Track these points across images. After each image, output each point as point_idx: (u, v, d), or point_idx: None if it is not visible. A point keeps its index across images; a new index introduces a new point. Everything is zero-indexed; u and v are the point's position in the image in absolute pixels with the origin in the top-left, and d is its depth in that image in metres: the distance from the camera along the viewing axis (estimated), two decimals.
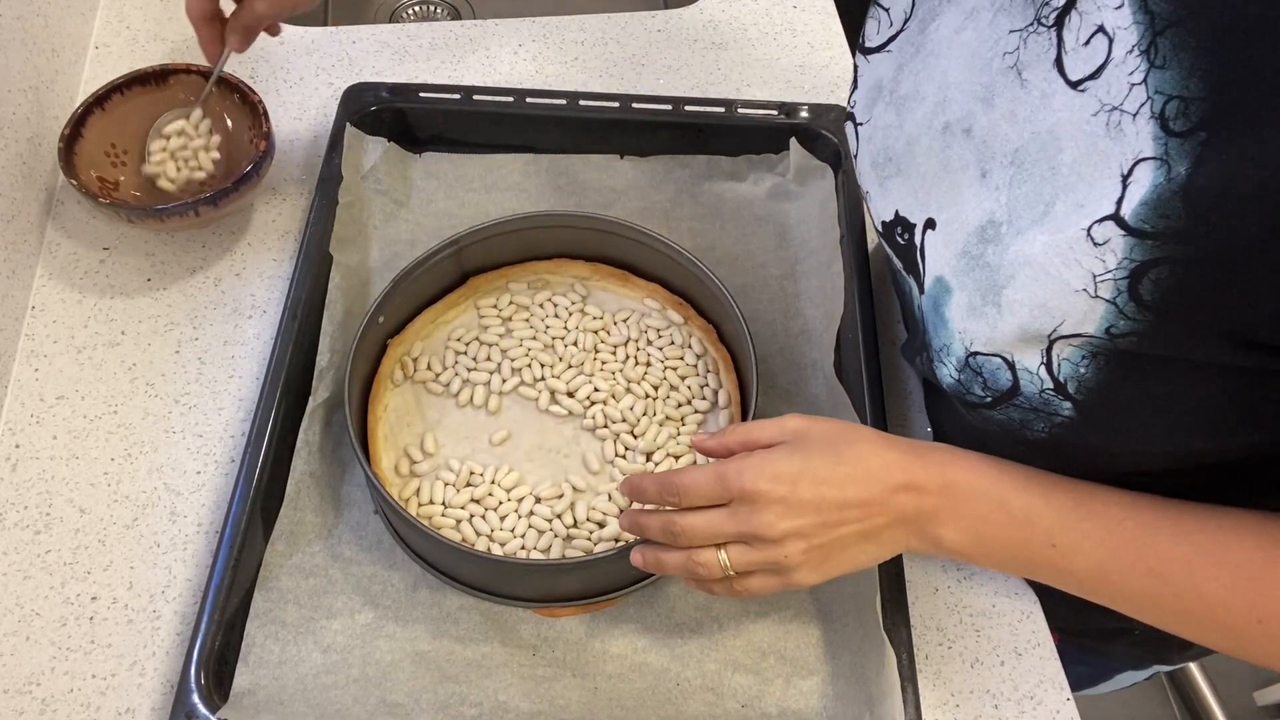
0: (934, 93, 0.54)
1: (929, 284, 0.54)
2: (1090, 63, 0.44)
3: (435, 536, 0.58)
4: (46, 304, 0.75)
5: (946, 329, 0.52)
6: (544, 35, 0.94)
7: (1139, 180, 0.41)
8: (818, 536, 0.52)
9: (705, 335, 0.73)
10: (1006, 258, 0.47)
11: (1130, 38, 0.42)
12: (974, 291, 0.49)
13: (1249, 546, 0.48)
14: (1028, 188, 0.47)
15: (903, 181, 0.56)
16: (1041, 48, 0.46)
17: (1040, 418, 0.49)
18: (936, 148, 0.53)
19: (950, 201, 0.52)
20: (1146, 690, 1.52)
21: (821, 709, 0.60)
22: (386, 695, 0.60)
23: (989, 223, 0.49)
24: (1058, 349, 0.46)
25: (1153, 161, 0.41)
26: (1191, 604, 0.49)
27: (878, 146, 0.58)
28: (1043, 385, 0.48)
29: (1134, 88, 0.41)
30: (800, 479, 0.51)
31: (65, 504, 0.67)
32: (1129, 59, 0.42)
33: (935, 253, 0.53)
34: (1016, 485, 0.53)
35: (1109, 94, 0.43)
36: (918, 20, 0.57)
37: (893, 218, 0.57)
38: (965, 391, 0.52)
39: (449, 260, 0.72)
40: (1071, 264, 0.44)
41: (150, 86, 0.79)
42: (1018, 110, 0.48)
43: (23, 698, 0.60)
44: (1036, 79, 0.47)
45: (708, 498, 0.53)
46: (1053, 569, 0.52)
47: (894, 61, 0.58)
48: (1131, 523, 0.50)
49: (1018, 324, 0.47)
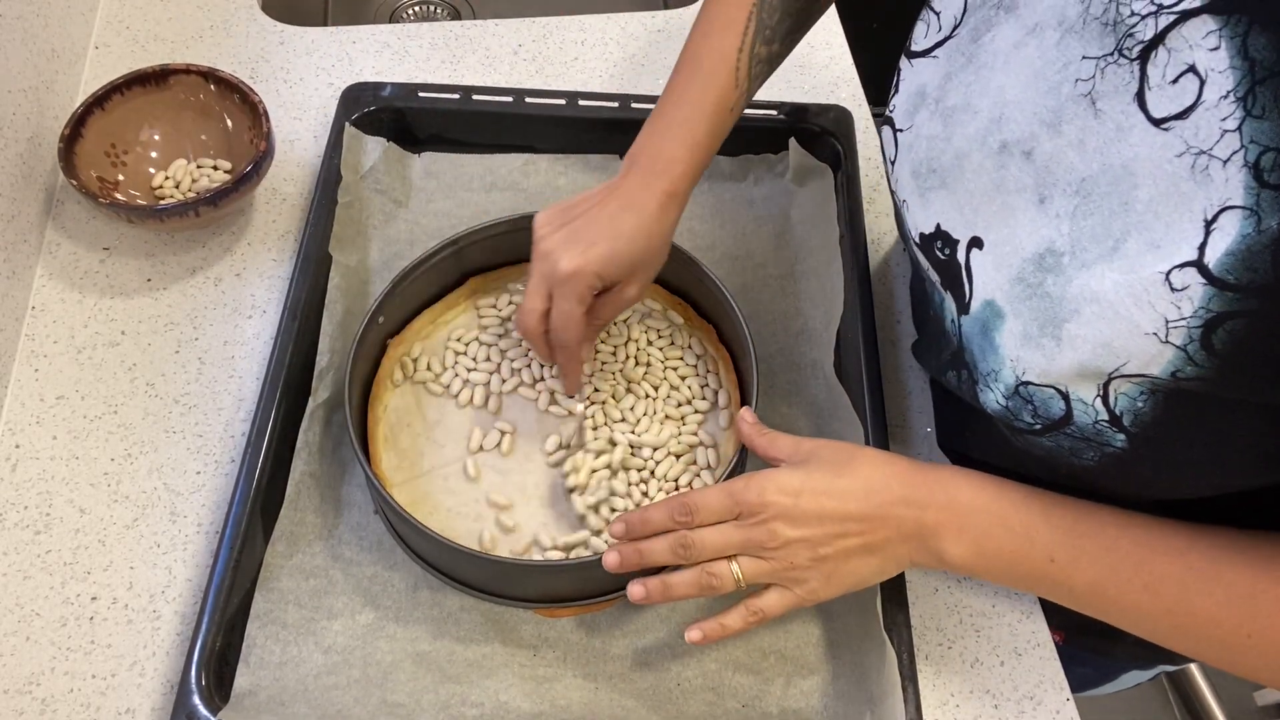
0: (989, 108, 0.52)
1: (977, 306, 0.53)
2: (1177, 102, 0.42)
3: (435, 537, 0.58)
4: (46, 304, 0.75)
5: (996, 355, 0.51)
6: (544, 35, 0.94)
7: (1224, 229, 0.40)
8: (823, 546, 0.54)
9: (705, 335, 0.73)
10: (1070, 290, 0.46)
11: (1225, 82, 0.40)
12: (1030, 321, 0.48)
13: (1241, 565, 0.49)
14: (1094, 220, 0.45)
15: (948, 195, 0.55)
16: (1122, 80, 0.45)
17: (1091, 447, 0.49)
18: (990, 166, 0.52)
19: (1001, 223, 0.51)
20: (1147, 690, 1.52)
21: (822, 708, 0.60)
22: (387, 696, 0.60)
23: (1049, 251, 0.48)
24: (1116, 384, 0.46)
25: (1241, 211, 0.39)
26: (1184, 620, 0.50)
27: (920, 156, 0.57)
28: (1097, 417, 0.47)
29: (1226, 134, 0.40)
30: (803, 491, 0.54)
31: (65, 504, 0.67)
32: (1223, 104, 0.40)
33: (985, 274, 0.52)
34: (1016, 502, 0.54)
35: (1197, 137, 0.41)
36: (969, 28, 0.55)
37: (933, 230, 0.56)
38: (1013, 418, 0.52)
39: (449, 260, 0.72)
40: (1145, 306, 0.43)
41: (150, 86, 0.79)
42: (1088, 140, 0.46)
43: (23, 698, 0.60)
44: (1113, 111, 0.45)
45: (718, 513, 0.55)
46: (1051, 583, 0.53)
47: (941, 69, 0.57)
48: (1127, 540, 0.51)
49: (1078, 359, 0.46)
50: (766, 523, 0.54)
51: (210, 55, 0.90)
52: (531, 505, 0.66)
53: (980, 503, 0.54)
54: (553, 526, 0.65)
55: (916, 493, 0.54)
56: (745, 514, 0.54)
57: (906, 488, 0.54)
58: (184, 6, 0.94)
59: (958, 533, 0.54)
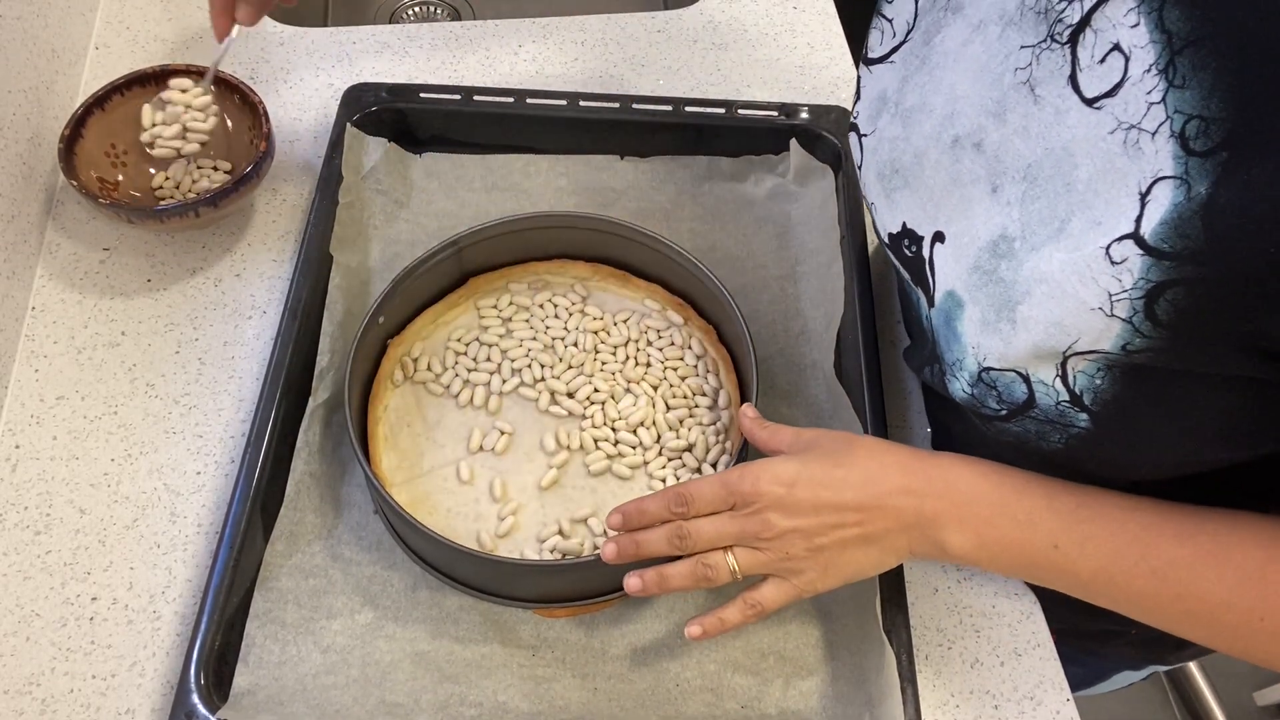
0: (942, 105, 0.53)
1: (939, 298, 0.53)
2: (1106, 80, 0.43)
3: (435, 537, 0.58)
4: (46, 304, 0.75)
5: (959, 343, 0.52)
6: (544, 35, 0.94)
7: (1158, 199, 0.41)
8: (819, 537, 0.53)
9: (705, 336, 0.73)
10: (1021, 274, 0.47)
11: (1147, 56, 0.41)
12: (987, 307, 0.49)
13: (1250, 547, 0.48)
14: (1041, 204, 0.46)
15: (910, 194, 0.56)
16: (1055, 64, 0.46)
17: (1056, 429, 0.50)
18: (946, 161, 0.53)
19: (960, 215, 0.52)
20: (1146, 690, 1.52)
21: (821, 710, 0.60)
22: (386, 695, 0.60)
23: (1001, 238, 0.49)
24: (1073, 363, 0.46)
25: (1172, 181, 0.40)
26: (1194, 605, 0.49)
27: (884, 158, 0.58)
28: (1058, 398, 0.48)
29: (1152, 106, 0.41)
30: (798, 481, 0.53)
31: (65, 504, 0.67)
32: (1146, 78, 0.41)
33: (945, 266, 0.53)
34: (1018, 488, 0.53)
35: (1126, 112, 0.42)
36: (921, 32, 0.57)
37: (900, 230, 0.57)
38: (979, 405, 0.52)
39: (449, 261, 0.72)
40: (1088, 282, 0.43)
41: (150, 86, 0.79)
42: (1030, 126, 0.47)
43: (23, 698, 0.60)
44: (1050, 95, 0.46)
45: (713, 503, 0.55)
46: (1056, 571, 0.53)
47: (898, 73, 0.58)
48: (1133, 524, 0.50)
49: (1033, 341, 0.47)
50: (760, 513, 0.53)
51: (210, 55, 0.90)
52: (531, 505, 0.66)
53: (981, 490, 0.53)
54: (552, 526, 0.65)
55: (915, 481, 0.54)
56: (740, 504, 0.54)
57: (905, 476, 0.54)
58: (184, 6, 0.94)
59: (959, 522, 0.53)
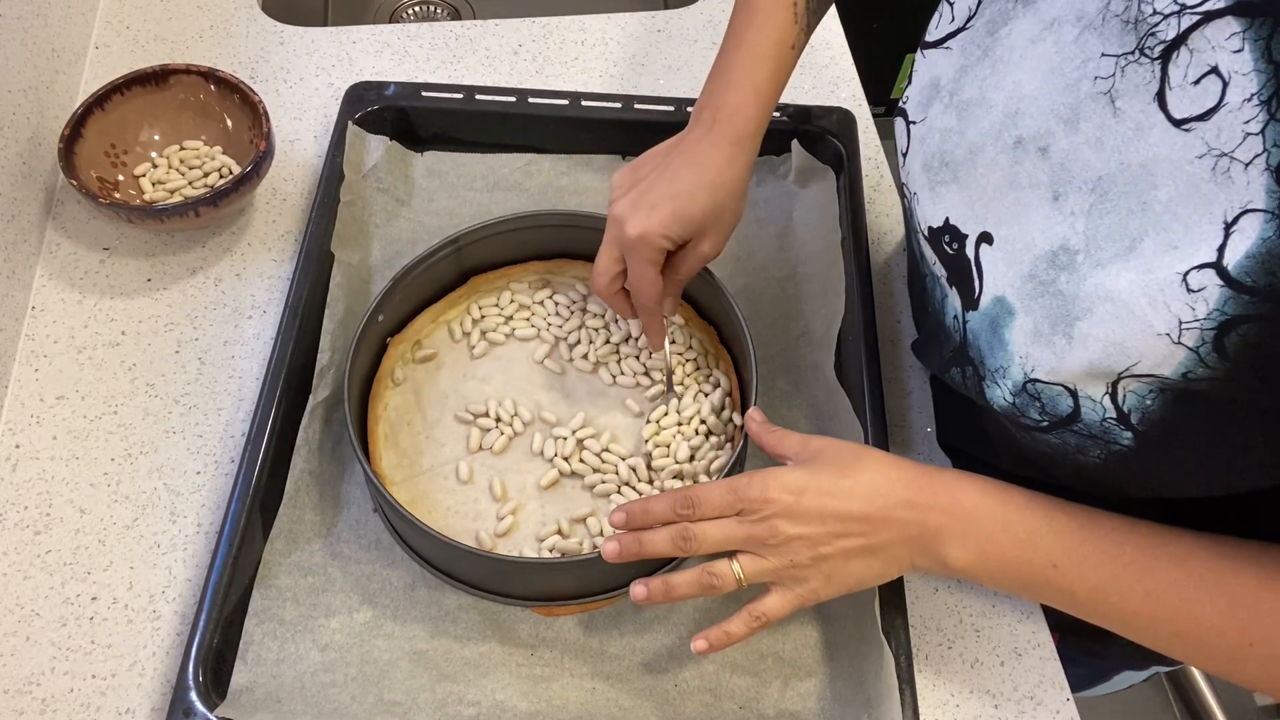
0: (1004, 103, 0.52)
1: (986, 302, 0.52)
2: (1199, 104, 0.42)
3: (434, 535, 0.58)
4: (46, 304, 0.75)
5: (1005, 351, 0.51)
6: (544, 35, 0.94)
7: (1244, 231, 0.40)
8: (824, 546, 0.54)
9: (706, 336, 0.73)
10: (1084, 289, 0.46)
11: (1249, 85, 0.40)
12: (1041, 318, 0.48)
13: (1244, 574, 0.48)
14: (1111, 219, 0.45)
15: (959, 190, 0.54)
16: (1142, 79, 0.45)
17: (1098, 444, 0.49)
18: (1004, 161, 0.51)
19: (1012, 219, 0.51)
20: (1146, 691, 1.51)
21: (819, 711, 0.60)
22: (384, 694, 0.60)
23: (1062, 249, 0.47)
24: (1125, 383, 0.46)
25: (1262, 214, 0.39)
26: (1186, 627, 0.50)
27: (932, 149, 0.56)
28: (1105, 414, 0.47)
29: (1249, 137, 0.40)
30: (806, 490, 0.54)
31: (65, 504, 0.67)
32: (1246, 107, 0.40)
33: (995, 270, 0.52)
34: (1020, 507, 0.54)
35: (1219, 139, 0.41)
36: (985, 20, 0.55)
37: (941, 225, 0.56)
38: (1020, 415, 0.52)
39: (450, 259, 0.72)
40: (1160, 307, 0.42)
41: (150, 86, 0.79)
42: (1105, 138, 0.46)
43: (23, 698, 0.60)
44: (1132, 110, 0.45)
45: (720, 507, 0.55)
46: (1054, 589, 0.53)
47: (956, 61, 0.56)
48: (1131, 547, 0.51)
49: (1089, 358, 0.46)
50: (768, 519, 0.53)
51: (210, 55, 0.90)
52: (530, 505, 0.66)
53: (984, 507, 0.54)
54: (551, 526, 0.65)
55: (920, 496, 0.54)
56: (747, 510, 0.54)
57: (910, 490, 0.54)
58: (184, 6, 0.94)
59: (960, 537, 0.53)
